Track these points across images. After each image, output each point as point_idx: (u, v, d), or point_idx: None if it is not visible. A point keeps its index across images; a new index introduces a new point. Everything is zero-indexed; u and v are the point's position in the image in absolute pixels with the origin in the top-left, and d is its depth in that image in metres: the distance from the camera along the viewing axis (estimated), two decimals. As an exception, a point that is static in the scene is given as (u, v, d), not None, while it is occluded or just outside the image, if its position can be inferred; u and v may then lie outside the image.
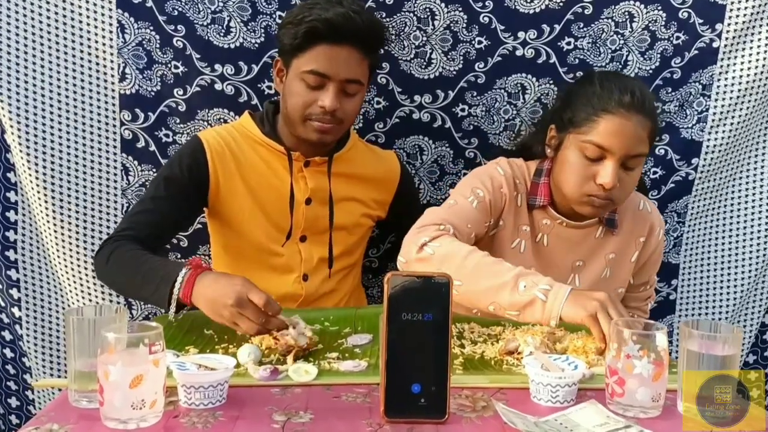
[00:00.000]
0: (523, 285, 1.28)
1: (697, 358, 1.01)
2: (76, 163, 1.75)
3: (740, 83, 1.85)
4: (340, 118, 1.55)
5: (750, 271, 1.98)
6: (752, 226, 1.96)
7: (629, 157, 1.43)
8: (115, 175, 1.78)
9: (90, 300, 1.81)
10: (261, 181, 1.60)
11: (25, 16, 1.67)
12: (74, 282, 1.80)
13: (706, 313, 2.02)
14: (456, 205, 1.51)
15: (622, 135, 1.41)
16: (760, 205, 1.96)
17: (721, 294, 2.01)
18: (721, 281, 2.00)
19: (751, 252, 1.97)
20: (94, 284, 1.80)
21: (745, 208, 1.97)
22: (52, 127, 1.72)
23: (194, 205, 1.61)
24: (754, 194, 1.96)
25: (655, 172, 1.92)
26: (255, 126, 1.63)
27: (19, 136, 1.70)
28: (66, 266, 1.80)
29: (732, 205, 1.97)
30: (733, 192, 1.97)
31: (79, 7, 1.68)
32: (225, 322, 1.27)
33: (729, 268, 1.99)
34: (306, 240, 1.65)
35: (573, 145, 1.47)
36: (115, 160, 1.77)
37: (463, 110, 1.84)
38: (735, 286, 1.99)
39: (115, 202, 1.78)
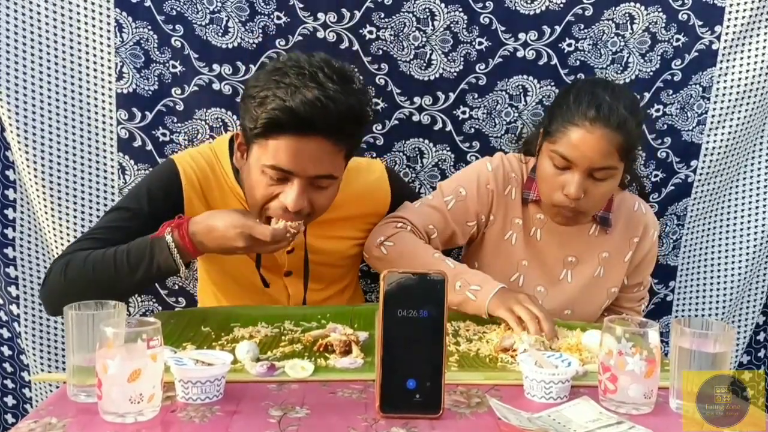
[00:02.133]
0: (458, 285, 1.41)
1: (689, 356, 1.02)
2: (74, 162, 1.76)
3: (739, 85, 1.85)
4: (307, 213, 1.36)
5: (744, 271, 1.98)
6: (749, 228, 1.96)
7: (594, 170, 1.44)
8: (112, 174, 1.79)
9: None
10: None
11: (23, 14, 1.68)
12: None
13: (703, 315, 2.02)
14: (428, 203, 1.59)
15: (585, 148, 1.43)
16: (758, 207, 1.95)
17: (716, 295, 2.01)
18: (718, 283, 2.00)
19: (747, 253, 1.97)
20: None
21: (744, 211, 1.96)
22: (50, 126, 1.73)
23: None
24: (755, 196, 1.95)
25: (656, 175, 1.92)
26: (229, 163, 1.47)
27: (18, 134, 1.71)
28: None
29: (731, 207, 1.97)
30: (732, 195, 1.96)
31: (77, 5, 1.69)
32: (247, 246, 1.29)
33: (725, 269, 1.99)
34: (292, 275, 1.57)
35: (545, 153, 1.50)
36: (112, 159, 1.78)
37: (464, 112, 1.85)
38: (731, 287, 1.99)
39: (112, 201, 1.78)
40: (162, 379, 0.97)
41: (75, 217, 1.78)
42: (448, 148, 1.88)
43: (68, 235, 1.78)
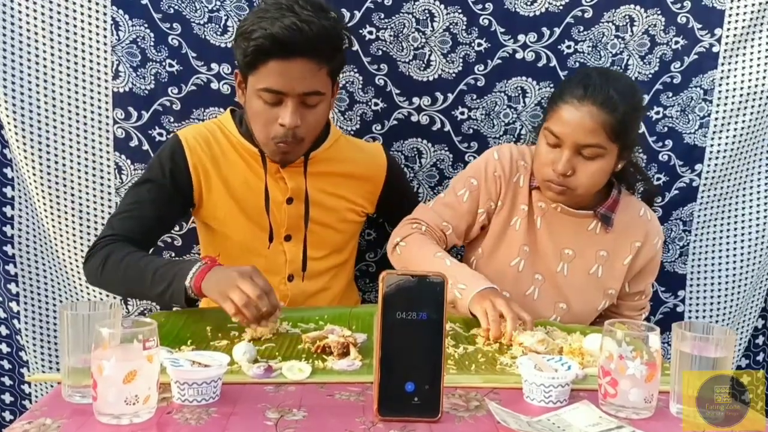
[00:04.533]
0: (449, 283, 1.38)
1: (690, 360, 1.01)
2: (70, 161, 1.76)
3: (742, 88, 1.85)
4: (301, 136, 1.51)
5: (752, 275, 1.96)
6: (760, 232, 1.94)
7: (581, 146, 1.47)
8: (109, 173, 1.78)
9: (85, 296, 1.82)
10: (240, 182, 1.59)
11: (19, 12, 1.67)
12: (68, 279, 1.81)
13: (711, 321, 1.99)
14: (442, 201, 1.64)
15: (571, 124, 1.47)
16: (763, 211, 1.94)
17: (726, 302, 1.98)
18: (727, 290, 1.97)
19: (755, 258, 1.95)
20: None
21: (754, 214, 1.94)
22: (47, 124, 1.73)
23: (179, 206, 1.60)
24: (765, 200, 1.93)
25: (658, 179, 1.91)
26: (233, 125, 1.61)
27: (15, 132, 1.71)
28: (60, 263, 1.80)
29: (741, 213, 1.95)
30: (741, 199, 1.94)
31: (74, 3, 1.69)
32: (227, 297, 1.27)
33: (735, 276, 1.97)
34: (291, 240, 1.64)
35: (541, 133, 1.55)
36: (108, 159, 1.78)
37: (462, 113, 1.85)
38: (739, 293, 1.97)
39: (109, 200, 1.78)
40: (158, 381, 0.96)
41: (72, 215, 1.77)
42: (446, 149, 1.88)
43: (66, 233, 1.77)
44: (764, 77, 1.83)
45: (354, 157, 1.69)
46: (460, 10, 1.77)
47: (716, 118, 1.88)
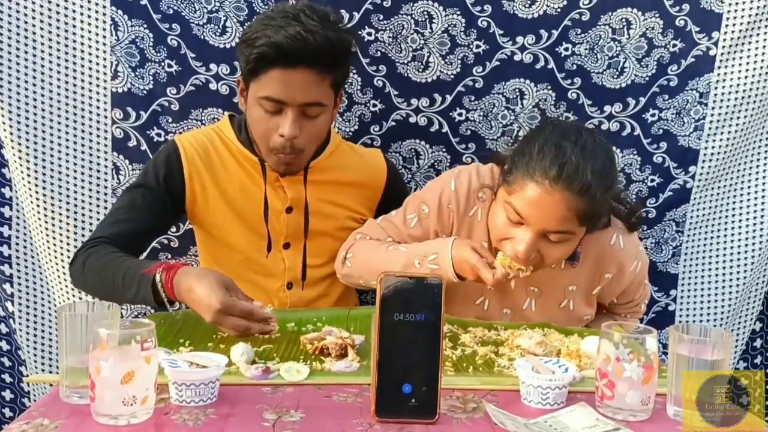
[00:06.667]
0: (417, 262, 1.41)
1: (687, 363, 1.02)
2: (67, 161, 1.75)
3: (737, 91, 1.86)
4: (301, 147, 1.49)
5: (745, 277, 1.97)
6: (752, 234, 1.95)
7: (549, 232, 1.33)
8: (106, 174, 1.78)
9: (80, 298, 1.81)
10: (239, 191, 1.58)
11: (17, 11, 1.67)
12: (64, 280, 1.80)
13: (704, 323, 2.00)
14: (390, 219, 1.57)
15: (541, 208, 1.30)
16: (763, 211, 1.94)
17: (719, 303, 1.99)
18: (722, 292, 1.98)
19: (748, 260, 1.96)
20: None
21: (745, 216, 1.95)
22: (43, 124, 1.72)
23: (170, 214, 1.59)
24: (758, 201, 1.94)
25: (652, 180, 1.92)
26: (232, 132, 1.59)
27: (11, 132, 1.70)
28: (56, 264, 1.80)
29: (733, 213, 1.96)
30: (733, 201, 1.95)
31: (73, 3, 1.69)
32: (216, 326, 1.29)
33: (728, 277, 1.97)
34: (290, 247, 1.63)
35: (500, 200, 1.40)
36: (106, 159, 1.77)
37: (460, 115, 1.85)
38: (733, 295, 1.98)
39: (105, 201, 1.78)
40: (155, 382, 0.96)
41: (68, 217, 1.76)
42: (444, 150, 1.88)
43: (61, 235, 1.77)
44: (759, 80, 1.84)
45: (354, 165, 1.68)
46: (458, 12, 1.77)
47: (711, 121, 1.88)
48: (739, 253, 1.96)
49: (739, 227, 1.96)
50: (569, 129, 1.38)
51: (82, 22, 1.70)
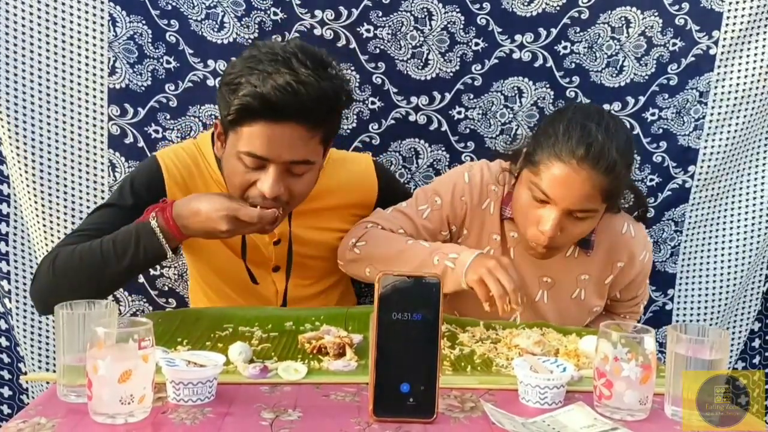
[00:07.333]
0: (436, 259, 1.37)
1: (685, 362, 1.02)
2: (64, 158, 1.74)
3: (737, 91, 1.85)
4: (286, 201, 1.35)
5: (740, 277, 1.97)
6: (749, 233, 1.94)
7: (574, 210, 1.36)
8: (102, 171, 1.77)
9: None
10: None
11: (15, 7, 1.66)
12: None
13: (700, 321, 2.00)
14: (401, 209, 1.54)
15: (567, 187, 1.34)
16: (762, 210, 1.93)
17: (714, 303, 1.99)
18: (718, 291, 1.98)
19: (744, 260, 1.96)
20: None
21: (745, 218, 1.94)
22: (40, 120, 1.71)
23: None
24: (754, 203, 1.93)
25: (651, 179, 1.92)
26: (213, 155, 1.47)
27: (8, 129, 1.70)
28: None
29: (732, 214, 1.95)
30: (732, 201, 1.95)
31: None
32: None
33: (725, 277, 1.97)
34: (279, 270, 1.56)
35: (525, 182, 1.42)
36: (102, 156, 1.77)
37: (459, 113, 1.84)
38: (727, 294, 1.98)
39: (102, 198, 1.76)
40: (153, 380, 0.96)
41: (65, 213, 1.76)
42: (443, 148, 1.87)
43: (58, 231, 1.76)
44: (759, 80, 1.83)
45: (342, 184, 1.56)
46: (458, 9, 1.77)
47: (710, 121, 1.88)
48: (737, 252, 1.96)
49: (738, 227, 1.95)
50: (591, 110, 1.43)
51: (79, 17, 1.69)
